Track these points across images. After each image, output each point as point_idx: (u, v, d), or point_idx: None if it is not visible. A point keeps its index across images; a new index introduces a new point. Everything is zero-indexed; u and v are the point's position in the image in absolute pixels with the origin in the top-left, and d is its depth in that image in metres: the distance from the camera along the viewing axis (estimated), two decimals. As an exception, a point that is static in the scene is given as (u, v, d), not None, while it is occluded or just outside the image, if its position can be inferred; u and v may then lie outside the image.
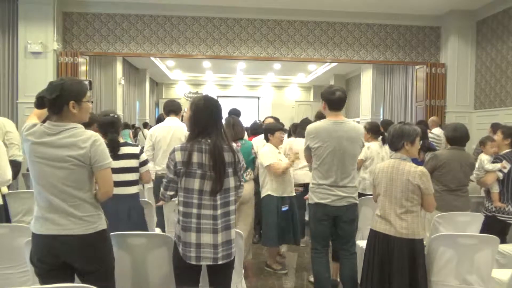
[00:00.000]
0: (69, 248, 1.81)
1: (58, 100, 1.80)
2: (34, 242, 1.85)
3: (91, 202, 1.88)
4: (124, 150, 2.78)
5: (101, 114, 2.88)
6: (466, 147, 3.41)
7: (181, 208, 1.95)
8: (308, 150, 2.85)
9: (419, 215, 2.47)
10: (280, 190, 3.68)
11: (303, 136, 4.49)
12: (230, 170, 1.98)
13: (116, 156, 2.70)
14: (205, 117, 1.98)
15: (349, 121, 2.86)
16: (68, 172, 1.79)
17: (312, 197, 2.83)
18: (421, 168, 2.45)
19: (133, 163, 2.79)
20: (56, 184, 1.79)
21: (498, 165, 3.36)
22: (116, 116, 2.86)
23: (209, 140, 1.95)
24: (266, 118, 5.09)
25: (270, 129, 3.80)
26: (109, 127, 2.76)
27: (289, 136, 5.26)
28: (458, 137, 3.28)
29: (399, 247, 2.40)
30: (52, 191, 1.80)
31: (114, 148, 2.71)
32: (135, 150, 2.83)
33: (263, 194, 3.74)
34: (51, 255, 1.81)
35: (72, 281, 1.89)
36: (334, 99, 2.75)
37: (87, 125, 1.99)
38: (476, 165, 3.55)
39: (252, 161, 3.76)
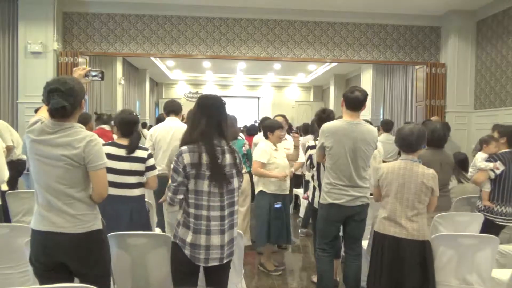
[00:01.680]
0: (62, 247, 1.81)
1: (76, 103, 1.82)
2: (32, 239, 1.86)
3: (86, 201, 1.87)
4: (136, 153, 2.75)
5: (124, 112, 2.86)
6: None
7: (192, 211, 1.93)
8: (322, 149, 2.83)
9: (426, 217, 2.49)
10: (273, 187, 3.67)
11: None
12: (234, 171, 2.00)
13: (129, 157, 2.70)
14: (210, 114, 1.98)
15: (365, 122, 2.86)
16: (63, 171, 1.80)
17: (326, 198, 2.81)
18: (432, 170, 2.47)
19: (139, 167, 2.75)
20: (52, 182, 1.80)
21: (490, 165, 3.36)
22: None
23: (215, 141, 1.95)
24: (276, 116, 4.91)
25: (269, 127, 3.78)
26: (135, 126, 2.79)
27: (300, 134, 5.30)
28: (435, 139, 3.25)
29: (411, 250, 2.39)
30: (47, 189, 1.81)
31: (133, 148, 2.72)
32: (144, 154, 2.78)
33: (256, 190, 3.76)
34: (45, 255, 1.82)
35: (71, 282, 1.88)
36: (351, 98, 2.75)
37: (83, 124, 1.99)
38: (472, 164, 3.55)
39: (243, 157, 4.03)
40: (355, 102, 2.75)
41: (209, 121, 1.96)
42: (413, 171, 2.44)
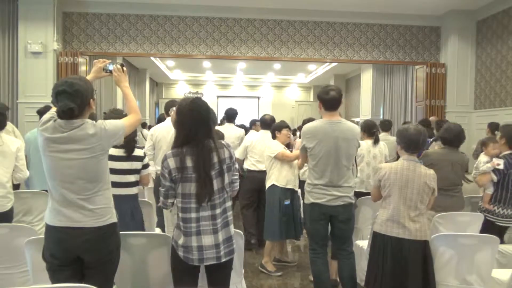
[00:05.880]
0: (80, 241, 1.84)
1: (83, 103, 1.83)
2: (47, 235, 1.87)
3: (103, 194, 1.90)
4: (135, 151, 2.80)
5: (115, 111, 2.85)
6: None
7: (180, 214, 1.95)
8: (304, 150, 2.85)
9: (426, 217, 2.50)
10: (285, 181, 3.70)
11: None
12: (224, 167, 1.96)
13: (129, 156, 2.72)
14: (191, 120, 1.93)
15: (345, 121, 2.87)
16: (81, 166, 1.82)
17: (308, 197, 2.84)
18: (432, 171, 2.49)
19: (138, 165, 2.81)
20: (69, 178, 1.82)
21: (489, 165, 3.30)
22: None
23: (200, 143, 1.91)
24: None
25: (277, 127, 3.85)
26: None
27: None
28: (448, 138, 3.25)
29: (414, 250, 2.40)
30: (64, 185, 1.83)
31: (131, 148, 2.72)
32: (141, 152, 2.86)
33: (268, 185, 3.78)
34: (63, 250, 1.84)
35: (82, 277, 1.91)
36: (328, 99, 2.75)
37: None
38: (475, 165, 3.54)
39: None
40: (333, 103, 2.76)
41: (190, 125, 1.92)
42: (416, 171, 2.44)
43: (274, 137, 3.86)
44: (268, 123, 4.37)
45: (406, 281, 2.39)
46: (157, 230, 3.51)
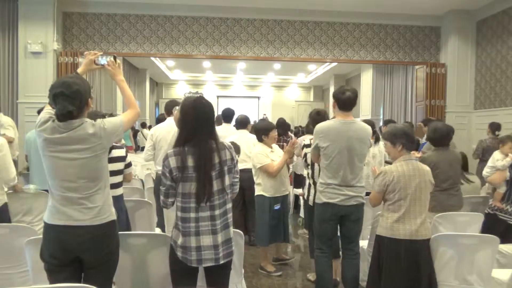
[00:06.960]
0: (80, 241, 1.83)
1: (82, 104, 1.83)
2: (46, 234, 1.86)
3: (102, 192, 1.90)
4: (114, 153, 2.82)
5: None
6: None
7: (179, 214, 1.94)
8: (316, 149, 2.83)
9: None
10: (273, 191, 3.64)
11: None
12: (225, 168, 1.96)
13: (110, 158, 2.71)
14: (194, 118, 1.92)
15: (359, 121, 2.88)
16: (82, 165, 1.82)
17: (320, 197, 2.82)
18: (427, 166, 2.51)
19: (120, 166, 2.85)
20: (70, 177, 1.82)
21: (508, 159, 3.28)
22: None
23: (202, 142, 1.91)
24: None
25: (263, 130, 3.69)
26: None
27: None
28: (437, 138, 3.25)
29: (425, 250, 2.41)
30: (64, 184, 1.83)
31: (110, 149, 2.72)
32: (122, 152, 2.89)
33: (256, 193, 3.72)
34: (63, 249, 1.83)
35: (80, 278, 1.90)
36: (343, 99, 2.76)
37: None
38: (489, 163, 3.51)
39: None
40: (348, 103, 2.78)
41: (193, 123, 1.92)
42: (420, 170, 2.44)
43: (260, 140, 3.72)
44: (242, 123, 4.38)
45: (419, 280, 2.39)
46: (157, 230, 3.51)
